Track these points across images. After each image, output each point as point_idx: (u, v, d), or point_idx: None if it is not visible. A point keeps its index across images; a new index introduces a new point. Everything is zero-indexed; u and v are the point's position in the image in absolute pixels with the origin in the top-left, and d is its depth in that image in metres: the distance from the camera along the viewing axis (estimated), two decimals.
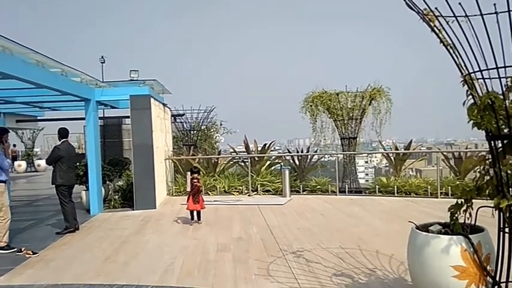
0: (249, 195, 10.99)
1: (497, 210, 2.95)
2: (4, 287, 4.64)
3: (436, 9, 2.88)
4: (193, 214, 7.65)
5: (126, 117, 11.89)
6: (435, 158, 11.07)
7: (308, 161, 12.38)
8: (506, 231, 2.94)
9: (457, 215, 3.32)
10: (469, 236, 3.16)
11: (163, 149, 11.12)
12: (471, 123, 2.98)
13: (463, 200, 3.29)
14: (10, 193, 7.66)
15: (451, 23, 2.86)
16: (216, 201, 10.05)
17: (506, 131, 2.88)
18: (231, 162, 13.18)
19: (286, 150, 15.44)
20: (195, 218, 7.62)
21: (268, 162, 12.50)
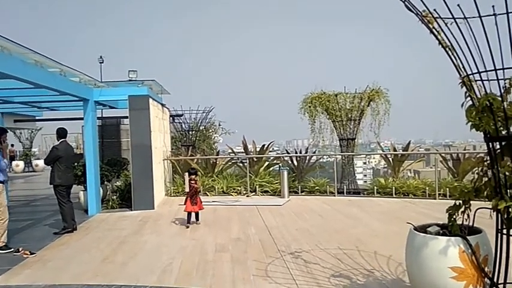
0: (247, 196, 10.99)
1: (495, 211, 2.96)
2: (1, 287, 4.62)
3: (434, 11, 2.89)
4: (190, 217, 7.53)
5: (125, 117, 11.87)
6: (433, 159, 11.09)
7: (306, 161, 12.40)
8: (504, 232, 2.95)
9: (455, 217, 3.33)
10: (467, 237, 3.17)
11: (161, 149, 11.11)
12: (469, 124, 2.99)
13: (461, 201, 3.30)
14: (8, 193, 7.65)
15: (449, 24, 2.87)
16: (214, 201, 10.06)
17: (504, 132, 2.89)
18: (230, 163, 13.18)
19: (285, 151, 15.43)
20: (193, 219, 7.57)
21: (267, 163, 12.51)
